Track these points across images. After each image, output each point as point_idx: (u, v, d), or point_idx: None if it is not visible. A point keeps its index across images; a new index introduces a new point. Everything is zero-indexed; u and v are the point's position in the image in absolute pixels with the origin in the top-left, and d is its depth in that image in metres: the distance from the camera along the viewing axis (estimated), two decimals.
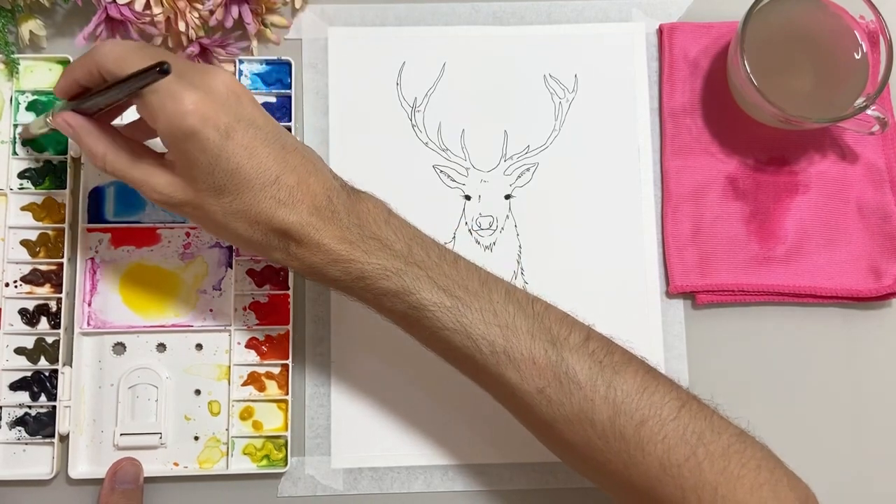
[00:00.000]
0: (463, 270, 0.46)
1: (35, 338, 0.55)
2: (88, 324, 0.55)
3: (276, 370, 0.55)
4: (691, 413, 0.44)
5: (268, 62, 0.58)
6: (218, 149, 0.44)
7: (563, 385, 0.44)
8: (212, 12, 0.55)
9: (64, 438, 0.54)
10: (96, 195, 0.57)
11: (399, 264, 0.45)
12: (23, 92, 0.57)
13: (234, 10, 0.56)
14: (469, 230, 0.58)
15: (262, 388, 0.55)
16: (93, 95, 0.47)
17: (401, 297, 0.46)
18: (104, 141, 0.47)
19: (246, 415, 0.55)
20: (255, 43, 0.58)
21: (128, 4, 0.53)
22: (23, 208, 0.56)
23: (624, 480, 0.45)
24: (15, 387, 0.54)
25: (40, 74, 0.57)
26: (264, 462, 0.54)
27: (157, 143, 0.49)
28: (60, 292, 0.55)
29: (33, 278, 0.55)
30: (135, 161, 0.47)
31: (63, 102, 0.50)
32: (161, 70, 0.41)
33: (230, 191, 0.45)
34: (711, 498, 0.43)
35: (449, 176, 0.58)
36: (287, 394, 0.55)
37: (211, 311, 0.56)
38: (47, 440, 0.54)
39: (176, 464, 0.54)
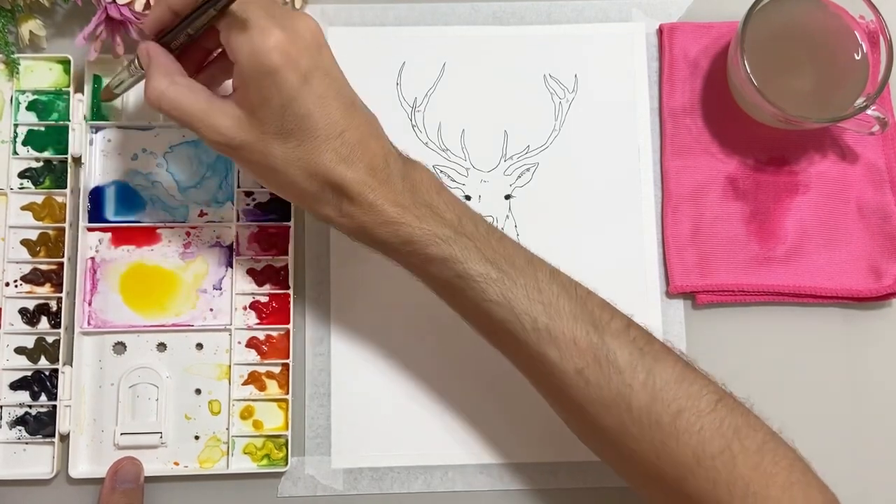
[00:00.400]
0: (510, 247, 0.47)
1: (35, 337, 0.55)
2: (89, 323, 0.55)
3: (277, 369, 0.55)
4: (728, 408, 0.44)
5: None
6: (295, 91, 0.44)
7: (603, 368, 0.44)
8: None
9: (64, 438, 0.54)
10: (96, 195, 0.57)
11: (449, 232, 0.46)
12: (23, 92, 0.57)
13: None
14: None
15: (262, 388, 0.55)
16: (179, 24, 0.46)
17: (448, 264, 0.46)
18: (168, 78, 0.46)
19: (246, 414, 0.55)
20: None
21: (128, 4, 0.53)
22: (23, 208, 0.56)
23: (653, 469, 0.45)
24: (15, 386, 0.54)
25: (40, 74, 0.57)
26: (265, 461, 0.54)
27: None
28: (61, 292, 0.55)
29: (34, 278, 0.55)
30: (198, 99, 0.46)
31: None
32: None
33: (295, 136, 0.45)
34: (743, 493, 0.43)
35: (449, 176, 0.58)
36: (287, 393, 0.55)
37: (211, 310, 0.56)
38: (48, 440, 0.54)
39: (176, 463, 0.54)
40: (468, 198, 0.58)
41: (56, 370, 0.54)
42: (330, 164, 0.45)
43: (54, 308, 0.55)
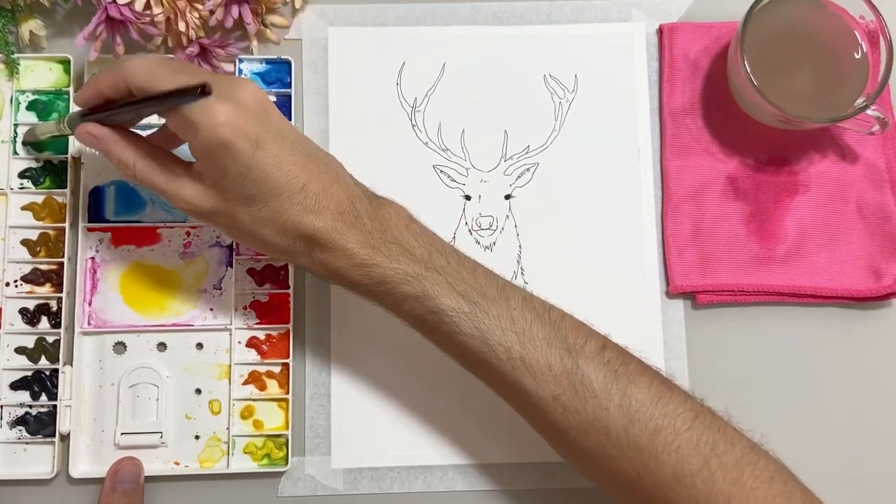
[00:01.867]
0: (481, 277, 0.47)
1: (36, 337, 0.55)
2: (89, 323, 0.55)
3: (277, 369, 0.55)
4: (705, 424, 0.44)
5: (268, 61, 0.58)
6: (249, 159, 0.45)
7: (578, 393, 0.45)
8: (212, 12, 0.55)
9: (65, 438, 0.54)
10: (96, 194, 0.57)
11: (419, 269, 0.46)
12: (23, 92, 0.57)
13: (234, 10, 0.56)
14: (469, 230, 0.58)
15: (262, 387, 0.55)
16: (120, 109, 0.48)
17: (420, 301, 0.46)
18: (132, 150, 0.48)
19: (247, 414, 0.55)
20: (255, 43, 0.58)
21: (128, 4, 0.53)
22: (23, 208, 0.56)
23: (636, 490, 0.45)
24: (16, 386, 0.54)
25: (40, 74, 0.57)
26: (265, 461, 0.54)
27: (181, 151, 0.50)
28: (61, 292, 0.55)
29: (34, 278, 0.55)
30: (163, 171, 0.48)
31: (78, 111, 0.50)
32: (204, 91, 0.42)
33: (259, 199, 0.46)
34: None
35: (449, 176, 0.58)
36: (287, 392, 0.55)
37: (211, 310, 0.56)
38: (48, 439, 0.54)
39: (177, 463, 0.54)
40: (468, 198, 0.58)
41: (56, 370, 0.54)
42: (297, 218, 0.46)
43: (54, 308, 0.55)
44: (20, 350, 0.55)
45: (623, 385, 0.45)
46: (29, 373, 0.54)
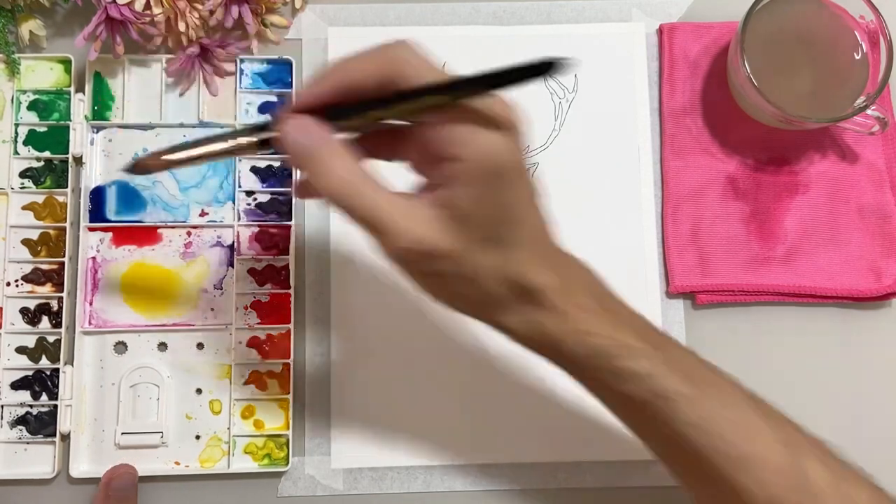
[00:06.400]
0: (687, 354, 0.42)
1: (36, 337, 0.55)
2: (90, 323, 0.55)
3: (278, 369, 0.55)
4: None
5: (269, 61, 0.58)
6: (517, 193, 0.38)
7: (800, 495, 0.40)
8: (212, 12, 0.55)
9: (65, 437, 0.54)
10: (97, 194, 0.57)
11: (640, 344, 0.40)
12: (24, 91, 0.57)
13: (234, 10, 0.56)
14: None
15: (263, 387, 0.55)
16: (368, 108, 0.37)
17: (637, 380, 0.39)
18: (351, 164, 0.37)
19: (247, 414, 0.55)
20: (255, 43, 0.58)
21: (128, 4, 0.53)
22: (24, 207, 0.56)
23: None
24: (16, 386, 0.54)
25: (41, 74, 0.57)
26: (266, 461, 0.54)
27: None
28: (62, 291, 0.55)
29: (34, 277, 0.55)
30: (389, 195, 0.37)
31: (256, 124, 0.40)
32: (553, 67, 0.33)
33: (505, 241, 0.38)
34: None
35: None
36: (288, 393, 0.55)
37: (212, 310, 0.56)
38: (48, 439, 0.54)
39: (177, 463, 0.55)
40: None
41: (57, 370, 0.54)
42: (524, 269, 0.39)
43: (55, 308, 0.55)
44: (21, 350, 0.55)
45: (844, 489, 0.40)
46: (29, 372, 0.54)
